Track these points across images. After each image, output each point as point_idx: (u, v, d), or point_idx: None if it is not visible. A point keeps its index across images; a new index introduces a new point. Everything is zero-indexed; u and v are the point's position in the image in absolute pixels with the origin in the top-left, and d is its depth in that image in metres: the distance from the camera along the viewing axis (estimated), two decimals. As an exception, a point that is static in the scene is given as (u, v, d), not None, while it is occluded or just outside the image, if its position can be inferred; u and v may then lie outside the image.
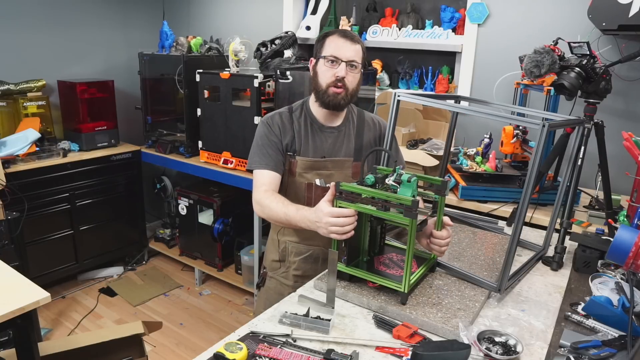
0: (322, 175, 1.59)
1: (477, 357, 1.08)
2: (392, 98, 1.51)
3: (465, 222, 1.89)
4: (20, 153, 2.94)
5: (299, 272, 1.69)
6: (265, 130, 1.60)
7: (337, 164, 1.62)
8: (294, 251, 1.69)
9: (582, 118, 1.50)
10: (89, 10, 3.62)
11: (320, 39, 1.57)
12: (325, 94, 1.54)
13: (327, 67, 1.53)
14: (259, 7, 3.58)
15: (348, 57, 1.51)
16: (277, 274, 1.74)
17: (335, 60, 1.51)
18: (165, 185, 3.81)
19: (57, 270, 3.25)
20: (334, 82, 1.52)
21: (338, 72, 1.51)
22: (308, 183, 1.59)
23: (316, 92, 1.58)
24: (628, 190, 1.86)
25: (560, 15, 2.45)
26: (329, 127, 1.63)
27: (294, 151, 1.59)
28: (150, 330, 2.11)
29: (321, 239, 1.59)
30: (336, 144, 1.63)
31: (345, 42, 1.52)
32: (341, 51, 1.51)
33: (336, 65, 1.52)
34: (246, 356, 1.06)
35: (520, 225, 1.28)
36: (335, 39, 1.53)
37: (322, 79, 1.54)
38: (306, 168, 1.59)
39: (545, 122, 1.18)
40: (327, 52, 1.52)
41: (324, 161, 1.60)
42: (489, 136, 2.40)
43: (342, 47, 1.51)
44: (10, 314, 1.52)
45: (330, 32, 1.56)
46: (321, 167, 1.60)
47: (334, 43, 1.52)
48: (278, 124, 1.60)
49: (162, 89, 3.54)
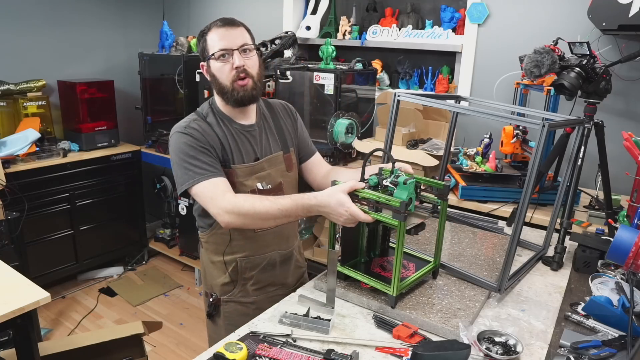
0: (261, 178, 1.47)
1: (477, 357, 1.08)
2: (393, 98, 1.51)
3: (465, 222, 1.89)
4: (20, 153, 2.94)
5: (258, 285, 1.55)
6: (190, 139, 1.38)
7: (271, 162, 1.50)
8: (248, 266, 1.52)
9: (582, 118, 1.50)
10: (89, 10, 3.62)
11: (201, 39, 1.43)
12: (233, 91, 1.40)
13: (221, 64, 1.39)
14: (259, 7, 3.58)
15: (237, 43, 1.39)
16: (233, 297, 1.55)
17: (226, 52, 1.38)
18: (165, 185, 3.81)
19: (57, 270, 3.25)
20: (235, 76, 1.39)
21: (235, 62, 1.38)
22: (251, 190, 1.45)
23: (223, 94, 1.43)
24: (628, 190, 1.86)
25: (560, 15, 2.45)
26: (249, 125, 1.49)
27: (227, 161, 1.42)
28: (150, 330, 2.11)
29: (275, 243, 1.54)
30: (262, 142, 1.51)
31: (227, 30, 1.39)
32: (228, 40, 1.38)
33: (229, 57, 1.38)
34: (246, 356, 1.06)
35: (520, 225, 1.27)
36: (215, 30, 1.40)
37: (222, 77, 1.40)
38: (246, 175, 1.45)
39: (545, 122, 1.18)
40: (214, 48, 1.38)
41: (259, 163, 1.47)
42: (489, 136, 2.40)
43: (226, 36, 1.38)
44: (10, 314, 1.52)
45: (207, 27, 1.43)
46: (259, 170, 1.47)
47: (216, 35, 1.39)
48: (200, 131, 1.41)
49: (162, 89, 3.54)
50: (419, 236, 1.73)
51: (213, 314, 1.57)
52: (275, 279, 1.58)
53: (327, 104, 2.67)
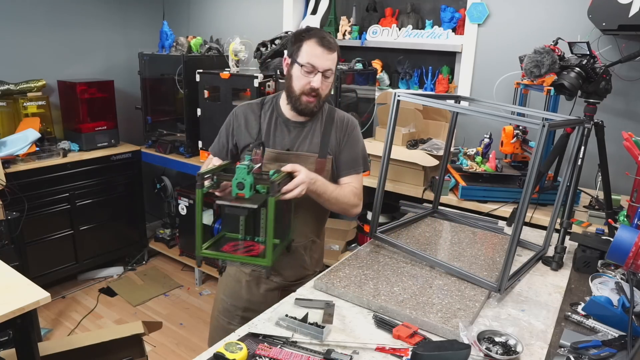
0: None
1: (477, 357, 1.08)
2: (392, 98, 1.51)
3: (465, 222, 1.89)
4: (20, 153, 2.94)
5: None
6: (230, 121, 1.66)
7: (300, 158, 1.57)
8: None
9: (582, 118, 1.50)
10: (89, 10, 3.62)
11: (298, 41, 1.51)
12: (298, 100, 1.53)
13: (302, 75, 1.50)
14: (259, 7, 3.58)
15: (325, 67, 1.49)
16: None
17: (312, 70, 1.48)
18: (165, 185, 3.81)
19: (57, 270, 3.25)
20: (308, 91, 1.50)
21: (313, 82, 1.49)
22: None
23: (289, 95, 1.56)
24: (628, 190, 1.86)
25: (560, 15, 2.45)
26: (294, 121, 1.61)
27: (258, 143, 1.52)
28: (150, 330, 2.11)
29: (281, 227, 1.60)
30: (299, 138, 1.60)
31: (323, 52, 1.48)
32: (319, 61, 1.48)
33: (312, 74, 1.49)
34: (246, 356, 1.06)
35: (520, 226, 1.28)
36: (313, 46, 1.48)
37: (296, 85, 1.52)
38: (270, 159, 1.56)
39: (545, 122, 1.18)
40: (304, 59, 1.48)
41: (287, 154, 1.57)
42: (489, 136, 2.40)
43: (320, 57, 1.48)
44: (10, 314, 1.52)
45: (308, 36, 1.50)
46: (285, 160, 1.54)
47: (311, 51, 1.48)
48: (242, 115, 1.63)
49: (162, 89, 3.54)
50: (419, 235, 1.74)
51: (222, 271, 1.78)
52: (276, 265, 1.59)
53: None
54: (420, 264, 1.51)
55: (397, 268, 1.48)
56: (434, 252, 1.61)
